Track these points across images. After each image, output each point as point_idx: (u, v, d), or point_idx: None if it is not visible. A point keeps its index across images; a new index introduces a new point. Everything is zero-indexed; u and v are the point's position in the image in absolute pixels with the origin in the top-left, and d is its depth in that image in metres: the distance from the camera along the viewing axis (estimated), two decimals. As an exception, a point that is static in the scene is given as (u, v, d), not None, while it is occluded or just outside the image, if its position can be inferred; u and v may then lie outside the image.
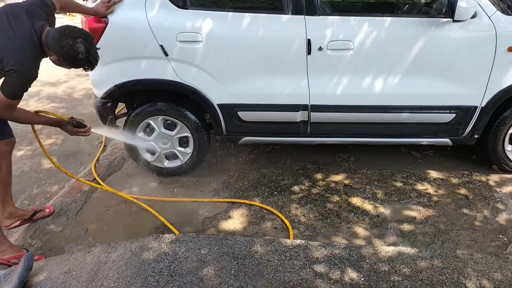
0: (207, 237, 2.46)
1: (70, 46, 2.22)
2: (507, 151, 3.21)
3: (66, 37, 2.23)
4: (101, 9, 2.87)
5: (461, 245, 2.63)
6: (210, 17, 2.90)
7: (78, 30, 2.31)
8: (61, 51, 2.24)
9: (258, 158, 3.70)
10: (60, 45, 2.22)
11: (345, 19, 2.90)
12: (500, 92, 2.94)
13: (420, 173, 3.39)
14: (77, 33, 2.27)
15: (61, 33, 2.24)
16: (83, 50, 2.26)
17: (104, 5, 2.87)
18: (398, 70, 2.93)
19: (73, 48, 2.23)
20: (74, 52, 2.24)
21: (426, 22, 2.86)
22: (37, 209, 2.99)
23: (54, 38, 2.23)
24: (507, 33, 2.80)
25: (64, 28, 2.27)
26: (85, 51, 2.26)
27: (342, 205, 3.05)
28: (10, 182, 2.77)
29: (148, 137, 3.29)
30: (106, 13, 2.87)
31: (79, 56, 2.26)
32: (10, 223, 2.86)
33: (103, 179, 3.44)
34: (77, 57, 2.26)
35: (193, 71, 3.01)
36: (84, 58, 2.28)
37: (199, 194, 3.25)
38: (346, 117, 3.14)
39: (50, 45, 2.25)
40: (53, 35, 2.24)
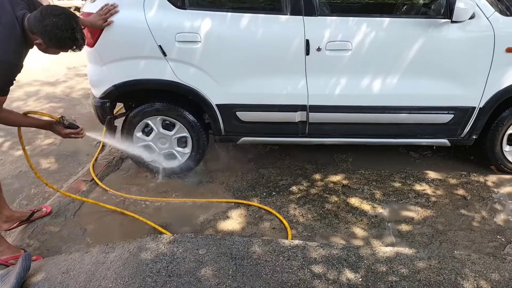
0: (205, 238, 2.46)
1: (54, 24, 2.12)
2: (505, 152, 3.21)
3: (48, 15, 2.13)
4: (98, 22, 2.85)
5: (459, 246, 2.63)
6: (209, 17, 2.90)
7: (59, 8, 2.20)
8: (45, 30, 2.13)
9: (257, 159, 3.70)
10: (44, 24, 2.12)
11: (344, 20, 2.91)
12: (498, 93, 2.94)
13: (418, 173, 3.39)
14: (59, 10, 2.17)
15: (42, 12, 2.14)
16: (68, 27, 2.15)
17: (100, 17, 2.85)
18: (396, 71, 2.93)
19: (57, 25, 2.13)
20: (59, 29, 2.13)
21: (424, 22, 2.86)
22: (35, 209, 2.98)
23: (36, 19, 2.14)
24: (505, 34, 2.81)
25: (44, 8, 2.18)
26: (70, 27, 2.15)
27: (340, 205, 3.05)
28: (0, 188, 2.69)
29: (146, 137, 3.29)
30: (103, 25, 2.86)
31: (64, 34, 2.15)
32: (9, 226, 2.85)
33: (101, 179, 3.44)
34: (63, 35, 2.15)
35: (191, 71, 3.01)
36: (70, 36, 2.17)
37: (198, 194, 3.25)
38: (344, 118, 3.14)
39: (33, 27, 2.15)
40: (34, 16, 2.15)
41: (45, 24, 2.12)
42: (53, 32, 2.14)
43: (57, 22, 2.12)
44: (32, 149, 3.99)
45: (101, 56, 2.95)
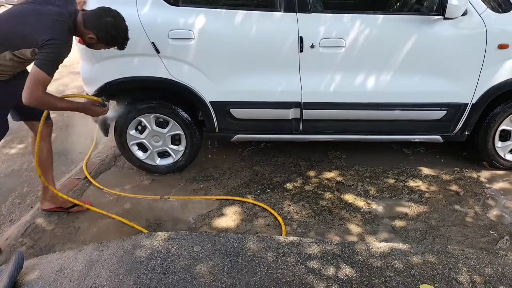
0: (200, 235, 2.45)
1: (112, 23, 2.39)
2: (497, 148, 3.24)
3: (106, 15, 2.39)
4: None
5: (452, 241, 2.65)
6: (202, 14, 2.90)
7: (114, 10, 2.46)
8: (103, 28, 2.39)
9: (251, 156, 3.70)
10: (103, 22, 2.38)
11: (337, 17, 2.91)
12: (490, 89, 2.96)
13: (411, 169, 3.41)
14: (114, 12, 2.44)
15: (102, 12, 2.41)
16: (123, 27, 2.45)
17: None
18: (389, 68, 2.94)
19: (114, 25, 2.40)
20: (115, 28, 2.41)
21: (417, 19, 2.88)
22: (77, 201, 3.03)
23: (94, 17, 2.40)
24: (497, 30, 2.83)
25: (102, 8, 2.44)
26: (124, 28, 2.46)
27: (334, 202, 3.06)
28: (51, 165, 2.87)
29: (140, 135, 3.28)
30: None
31: (119, 33, 2.44)
32: (49, 207, 2.94)
33: (95, 177, 3.42)
34: (117, 34, 2.43)
35: (185, 68, 3.00)
36: (123, 36, 2.47)
37: (192, 191, 3.25)
38: (338, 115, 3.15)
39: (90, 23, 2.39)
40: (92, 14, 2.41)
41: (105, 22, 2.38)
42: (109, 30, 2.40)
43: (114, 22, 2.41)
44: (25, 147, 3.96)
45: (94, 54, 2.93)
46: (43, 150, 2.79)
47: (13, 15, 2.34)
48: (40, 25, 2.27)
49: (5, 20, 2.33)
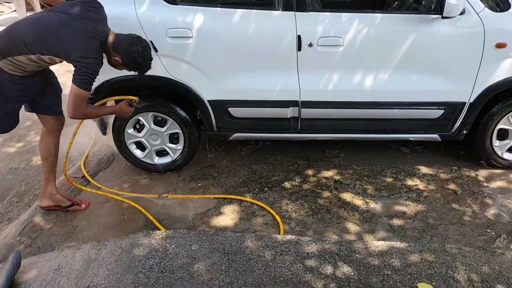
0: (198, 233, 2.46)
1: (140, 53, 2.52)
2: (495, 147, 3.24)
3: (137, 44, 2.52)
4: None
5: (450, 240, 2.66)
6: (200, 13, 2.89)
7: (145, 41, 2.61)
8: (131, 55, 2.51)
9: (249, 154, 3.70)
10: (132, 50, 2.50)
11: (335, 16, 2.91)
12: (488, 88, 2.97)
13: (409, 168, 3.41)
14: (145, 42, 2.59)
15: (133, 40, 2.53)
16: (149, 59, 2.59)
17: None
18: (387, 67, 2.94)
19: (142, 55, 2.53)
20: (142, 58, 2.54)
21: (415, 18, 2.88)
22: (75, 201, 3.04)
23: (125, 42, 2.51)
24: (495, 29, 2.83)
25: (135, 36, 2.57)
26: (150, 59, 2.60)
27: (332, 200, 3.06)
28: (56, 162, 2.91)
29: (138, 134, 3.28)
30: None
31: (144, 63, 2.57)
32: (47, 204, 2.96)
33: (93, 176, 3.42)
34: (142, 63, 2.57)
35: (183, 67, 2.99)
36: (147, 65, 2.61)
37: (190, 190, 3.25)
38: (336, 113, 3.15)
39: (119, 48, 2.51)
40: (124, 39, 2.52)
41: (133, 50, 2.50)
42: (136, 59, 2.53)
43: (142, 52, 2.53)
44: (23, 146, 3.96)
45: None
46: (51, 145, 2.84)
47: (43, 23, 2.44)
48: (76, 40, 2.39)
49: (34, 26, 2.44)
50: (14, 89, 2.54)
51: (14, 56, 2.41)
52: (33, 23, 2.46)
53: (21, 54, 2.41)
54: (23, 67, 2.47)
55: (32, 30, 2.42)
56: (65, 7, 2.50)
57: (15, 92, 2.56)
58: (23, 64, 2.45)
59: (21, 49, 2.40)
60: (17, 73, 2.49)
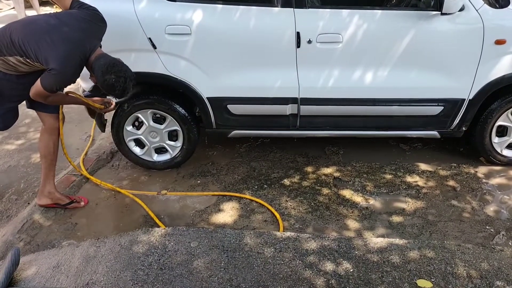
0: (197, 230, 2.46)
1: (112, 82, 2.46)
2: (494, 144, 3.24)
3: (111, 73, 2.45)
4: None
5: (449, 236, 2.66)
6: (199, 10, 2.88)
7: (123, 69, 2.52)
8: (103, 82, 2.48)
9: (248, 152, 3.70)
10: (104, 78, 2.45)
11: (334, 12, 2.90)
12: (487, 85, 2.96)
13: (408, 165, 3.41)
14: (121, 71, 2.50)
15: (108, 67, 2.46)
16: (121, 88, 2.51)
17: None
18: (387, 63, 2.94)
19: (114, 84, 2.47)
20: (113, 87, 2.49)
21: (414, 15, 2.87)
22: (74, 198, 3.04)
23: (101, 68, 2.45)
24: (494, 26, 2.82)
25: (112, 64, 2.48)
26: (122, 89, 2.52)
27: (331, 197, 3.06)
28: (55, 160, 2.91)
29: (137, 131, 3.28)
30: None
31: (115, 91, 2.53)
32: (46, 203, 2.95)
33: (92, 173, 3.41)
34: (114, 91, 2.53)
35: (182, 64, 2.99)
36: (118, 93, 2.56)
37: (189, 187, 3.24)
38: (335, 110, 3.15)
39: (95, 71, 2.48)
40: (101, 65, 2.46)
41: (106, 78, 2.45)
42: (107, 86, 2.49)
43: (115, 82, 2.47)
44: (22, 143, 3.95)
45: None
46: (50, 143, 2.84)
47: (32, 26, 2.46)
48: (57, 51, 2.37)
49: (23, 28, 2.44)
50: (10, 88, 2.54)
51: (6, 56, 2.42)
52: (23, 25, 2.47)
53: (11, 55, 2.41)
54: (16, 68, 2.47)
55: (20, 32, 2.42)
56: (63, 15, 2.52)
57: (12, 91, 2.56)
58: (14, 64, 2.45)
59: (10, 50, 2.40)
60: (12, 72, 2.49)
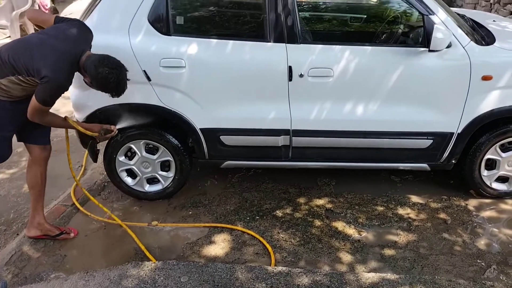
0: (187, 265, 2.44)
1: (106, 75, 2.45)
2: (484, 177, 3.27)
3: (103, 65, 2.45)
4: None
5: (440, 270, 2.65)
6: (194, 44, 2.94)
7: (115, 62, 2.53)
8: (96, 77, 2.47)
9: (240, 182, 3.70)
10: (97, 72, 2.45)
11: (325, 48, 2.97)
12: (475, 119, 3.02)
13: (400, 197, 3.43)
14: (114, 64, 2.51)
15: (100, 61, 2.47)
16: (116, 80, 2.49)
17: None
18: (377, 97, 3.00)
19: (107, 77, 2.46)
20: (107, 80, 2.47)
21: (403, 51, 2.95)
22: (64, 229, 3.00)
23: (93, 64, 2.46)
24: (481, 62, 2.90)
25: (104, 57, 2.50)
26: (116, 81, 2.50)
27: (323, 229, 3.06)
28: (43, 191, 2.90)
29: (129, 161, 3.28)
30: None
31: (110, 85, 2.51)
32: (35, 234, 2.91)
33: (83, 204, 3.39)
34: (108, 85, 2.51)
35: (176, 96, 3.03)
36: (113, 87, 2.53)
37: (181, 218, 3.23)
38: (327, 142, 3.18)
39: (87, 69, 2.48)
40: (92, 61, 2.47)
41: (99, 72, 2.45)
42: (101, 80, 2.48)
43: (108, 75, 2.46)
44: (13, 173, 3.92)
45: (86, 80, 2.94)
46: (37, 174, 2.84)
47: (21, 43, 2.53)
48: (48, 60, 2.41)
49: (14, 46, 2.51)
50: (4, 116, 2.56)
51: None
52: (13, 44, 2.55)
53: (3, 77, 2.44)
54: (8, 92, 2.49)
55: (10, 50, 2.48)
56: (49, 29, 2.59)
57: (4, 119, 2.57)
58: (7, 88, 2.47)
59: (1, 71, 2.44)
60: (5, 98, 2.51)
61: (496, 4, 7.25)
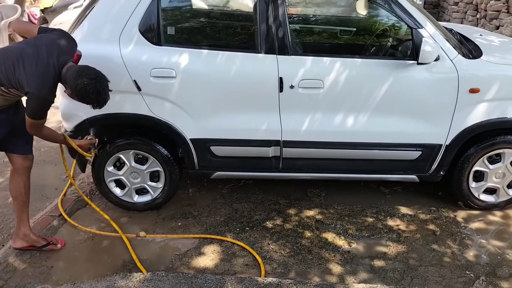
0: (176, 276, 2.41)
1: (84, 86, 2.41)
2: (472, 188, 3.30)
3: (82, 76, 2.42)
4: None
5: (430, 281, 2.66)
6: (185, 54, 2.95)
7: (94, 72, 2.49)
8: (75, 88, 2.44)
9: (230, 193, 3.69)
10: (76, 83, 2.42)
11: (316, 59, 3.00)
12: (463, 131, 3.05)
13: (389, 208, 3.44)
14: (93, 74, 2.46)
15: (78, 72, 2.44)
16: (95, 91, 2.44)
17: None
18: (366, 109, 3.02)
19: (86, 88, 2.42)
20: (86, 91, 2.43)
21: (392, 64, 2.98)
22: (50, 240, 2.95)
23: (72, 75, 2.43)
24: (469, 75, 2.94)
25: (83, 68, 2.48)
26: (96, 92, 2.45)
27: (313, 241, 3.05)
28: (27, 202, 2.86)
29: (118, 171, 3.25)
30: None
31: (89, 96, 2.46)
32: (21, 245, 2.86)
33: (70, 214, 3.34)
34: (88, 96, 2.46)
35: (166, 106, 3.02)
36: (93, 98, 2.48)
37: (170, 229, 3.20)
38: (317, 153, 3.19)
39: (67, 80, 2.46)
40: (71, 72, 2.44)
41: (77, 83, 2.42)
42: (80, 92, 2.45)
43: (87, 85, 2.42)
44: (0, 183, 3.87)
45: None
46: (20, 185, 2.78)
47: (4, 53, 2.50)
48: (31, 72, 2.40)
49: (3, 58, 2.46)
50: None
51: None
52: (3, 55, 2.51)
53: None
54: None
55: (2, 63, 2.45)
56: (31, 39, 2.57)
57: None
58: None
59: None
60: None
61: (483, 19, 7.41)
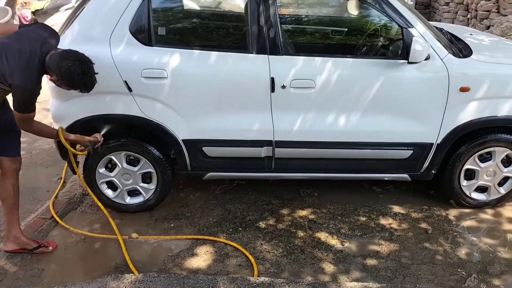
0: (168, 277, 2.40)
1: (68, 67, 2.41)
2: (463, 187, 3.32)
3: (65, 59, 2.42)
4: None
5: (422, 279, 2.67)
6: (176, 54, 2.94)
7: (77, 54, 2.49)
8: (60, 72, 2.43)
9: (223, 194, 3.68)
10: (60, 66, 2.41)
11: (307, 59, 3.01)
12: (454, 130, 3.07)
13: (381, 207, 3.45)
14: (76, 56, 2.47)
15: (61, 56, 2.44)
16: (80, 72, 2.43)
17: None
18: (358, 108, 3.03)
19: (70, 70, 2.41)
20: (71, 73, 2.42)
21: (383, 63, 3.00)
22: (42, 243, 2.92)
23: (55, 60, 2.43)
24: (459, 74, 2.96)
25: (65, 52, 2.48)
26: (81, 73, 2.44)
27: (306, 240, 3.05)
28: (17, 204, 2.83)
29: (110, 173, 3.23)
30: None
31: (75, 77, 2.44)
32: (12, 248, 2.83)
33: (62, 216, 3.32)
34: (73, 78, 2.45)
35: (158, 106, 3.01)
36: (79, 79, 2.47)
37: (162, 230, 3.18)
38: (309, 153, 3.20)
39: (51, 66, 2.45)
40: (55, 58, 2.44)
41: (61, 66, 2.41)
42: (65, 74, 2.44)
43: (71, 67, 2.41)
44: (-12, 185, 3.82)
45: (65, 91, 2.91)
46: (9, 187, 2.76)
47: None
48: (15, 64, 2.39)
49: None
50: None
51: None
52: None
53: None
54: None
55: None
56: (13, 34, 2.55)
57: None
58: None
59: None
60: None
61: (473, 19, 7.47)
